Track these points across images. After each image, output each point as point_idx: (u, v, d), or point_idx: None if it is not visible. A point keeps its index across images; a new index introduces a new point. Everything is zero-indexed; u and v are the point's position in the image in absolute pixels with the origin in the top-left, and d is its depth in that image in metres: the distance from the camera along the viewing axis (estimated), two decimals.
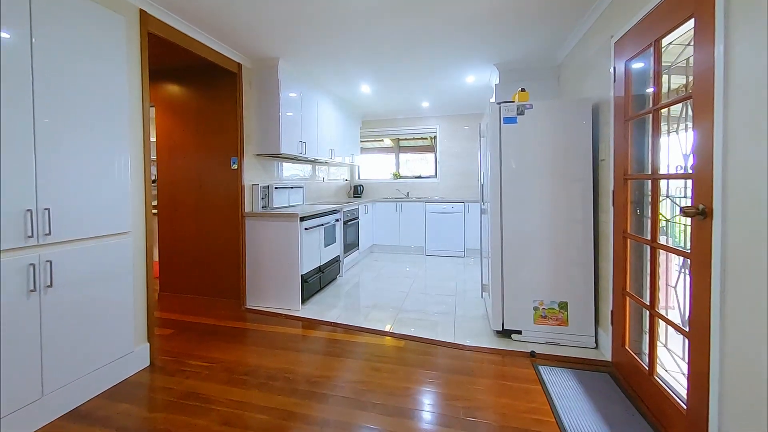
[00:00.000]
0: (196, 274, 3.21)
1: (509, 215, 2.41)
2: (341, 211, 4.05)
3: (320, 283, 3.45)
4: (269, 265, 3.07)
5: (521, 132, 2.38)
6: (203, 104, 3.17)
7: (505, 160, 2.41)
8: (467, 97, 4.66)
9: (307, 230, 3.11)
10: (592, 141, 2.28)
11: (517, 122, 2.39)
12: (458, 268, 4.46)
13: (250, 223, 3.10)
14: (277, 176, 3.73)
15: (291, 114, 3.39)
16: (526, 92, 2.47)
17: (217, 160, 3.13)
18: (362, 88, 4.22)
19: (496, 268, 2.45)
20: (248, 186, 3.18)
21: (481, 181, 3.07)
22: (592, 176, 2.29)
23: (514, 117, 2.39)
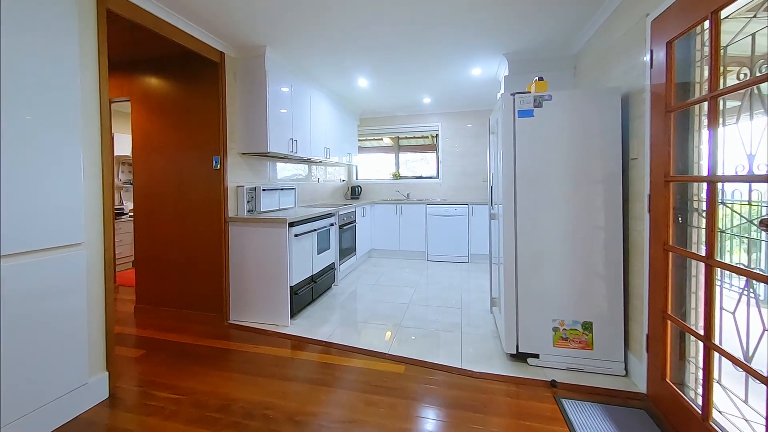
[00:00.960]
0: (175, 285, 2.92)
1: (525, 221, 2.11)
2: (337, 215, 3.75)
3: (312, 294, 3.15)
4: (255, 276, 2.77)
5: (538, 127, 2.08)
6: (183, 98, 2.87)
7: (520, 158, 2.11)
8: (472, 92, 4.35)
9: (297, 237, 2.81)
10: (621, 137, 1.98)
11: (533, 115, 2.08)
12: (462, 275, 4.16)
13: (234, 229, 2.80)
14: (270, 177, 3.43)
15: (280, 109, 3.09)
16: (545, 81, 2.17)
17: (198, 160, 2.83)
18: (359, 81, 3.92)
19: (509, 281, 2.15)
20: (232, 188, 2.88)
21: (489, 182, 2.77)
22: (621, 177, 1.99)
23: (531, 110, 2.09)
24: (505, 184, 2.14)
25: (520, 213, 2.12)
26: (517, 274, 2.13)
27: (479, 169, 5.31)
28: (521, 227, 2.12)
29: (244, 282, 2.80)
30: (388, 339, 2.48)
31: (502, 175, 2.14)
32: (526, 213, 2.11)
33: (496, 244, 2.56)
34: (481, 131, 5.29)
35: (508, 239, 2.14)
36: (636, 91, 1.91)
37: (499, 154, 2.23)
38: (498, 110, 2.29)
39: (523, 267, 2.12)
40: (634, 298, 1.95)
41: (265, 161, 3.38)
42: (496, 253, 2.57)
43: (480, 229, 4.70)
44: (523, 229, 2.12)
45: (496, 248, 2.56)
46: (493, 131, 2.57)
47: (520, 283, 2.13)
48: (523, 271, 2.12)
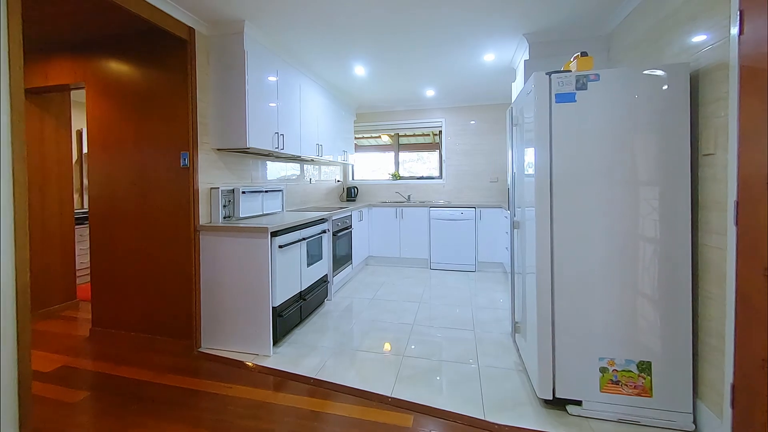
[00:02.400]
0: (137, 306, 2.46)
1: (564, 232, 1.68)
2: (330, 220, 3.30)
3: (301, 313, 2.70)
4: (231, 296, 2.32)
5: (582, 114, 1.65)
6: (146, 83, 2.41)
7: (558, 154, 1.68)
8: (482, 83, 3.93)
9: (282, 248, 2.37)
10: (690, 127, 1.56)
11: (575, 100, 1.65)
12: (470, 286, 3.73)
13: (206, 239, 2.35)
14: (253, 177, 2.98)
15: (263, 98, 2.64)
16: (590, 57, 1.74)
17: (164, 156, 2.37)
18: (356, 69, 3.48)
19: (543, 307, 1.71)
20: (205, 190, 2.43)
21: (509, 182, 2.34)
22: (690, 179, 1.56)
23: (572, 93, 1.66)
24: (539, 187, 1.70)
25: (558, 222, 1.69)
26: (553, 299, 1.70)
27: (486, 168, 4.89)
28: (559, 239, 1.69)
29: (218, 302, 2.35)
30: (390, 374, 2.04)
31: (535, 175, 1.71)
32: (565, 222, 1.68)
33: (519, 256, 2.13)
34: (486, 128, 4.86)
35: (542, 255, 1.71)
36: (712, 67, 1.48)
37: (528, 150, 1.79)
38: (526, 96, 1.86)
39: (561, 289, 1.69)
40: (707, 333, 1.52)
41: (247, 159, 2.93)
42: (520, 267, 2.13)
43: (488, 234, 4.28)
44: (561, 241, 1.68)
45: (520, 262, 2.13)
46: (516, 122, 2.14)
47: (558, 310, 1.70)
48: (561, 295, 1.69)
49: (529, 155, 1.83)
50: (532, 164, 1.75)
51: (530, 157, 1.79)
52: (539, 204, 1.70)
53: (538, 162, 1.70)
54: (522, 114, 2.01)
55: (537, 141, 1.70)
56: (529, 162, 1.83)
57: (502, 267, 4.29)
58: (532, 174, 1.74)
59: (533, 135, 1.72)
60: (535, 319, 1.75)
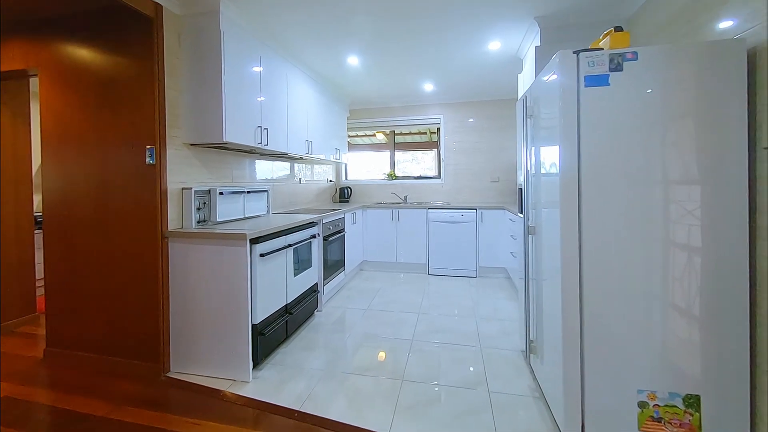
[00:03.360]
0: (97, 323, 2.15)
1: (593, 241, 1.42)
2: (320, 224, 3.01)
3: (287, 329, 2.41)
4: (204, 312, 2.02)
5: (616, 100, 1.39)
6: (107, 69, 2.10)
7: (588, 148, 1.41)
8: (484, 75, 3.67)
9: (264, 257, 2.07)
10: (747, 115, 1.30)
11: (609, 83, 1.39)
12: (472, 294, 3.46)
13: (175, 247, 2.05)
14: (234, 176, 2.68)
15: (244, 87, 2.35)
16: (626, 33, 1.47)
17: (127, 152, 2.07)
18: (349, 60, 3.20)
19: (569, 327, 1.45)
20: (175, 190, 2.13)
21: (521, 183, 2.08)
22: (748, 178, 1.31)
23: (605, 75, 1.39)
24: (565, 188, 1.44)
25: (587, 229, 1.42)
26: (582, 318, 1.44)
27: (487, 167, 4.63)
28: (588, 249, 1.42)
29: (189, 320, 2.04)
30: (387, 406, 1.76)
31: (560, 174, 1.44)
32: (595, 229, 1.41)
33: (534, 266, 1.87)
34: (487, 125, 4.61)
35: (568, 266, 1.44)
36: None
37: (548, 144, 1.53)
38: (545, 81, 1.60)
39: (591, 307, 1.43)
40: (766, 361, 1.27)
41: (226, 156, 2.63)
42: (535, 279, 1.87)
43: (490, 238, 4.02)
44: (591, 251, 1.42)
45: (535, 272, 1.87)
46: (531, 114, 1.88)
47: (588, 331, 1.43)
48: (591, 313, 1.43)
49: (549, 151, 1.56)
50: (555, 161, 1.49)
51: (552, 154, 1.52)
52: (565, 208, 1.44)
53: (563, 158, 1.43)
54: (538, 104, 1.75)
55: (562, 133, 1.43)
56: (549, 159, 1.56)
57: (504, 272, 4.04)
58: (555, 173, 1.48)
59: (557, 126, 1.45)
60: (558, 341, 1.48)
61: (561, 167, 1.44)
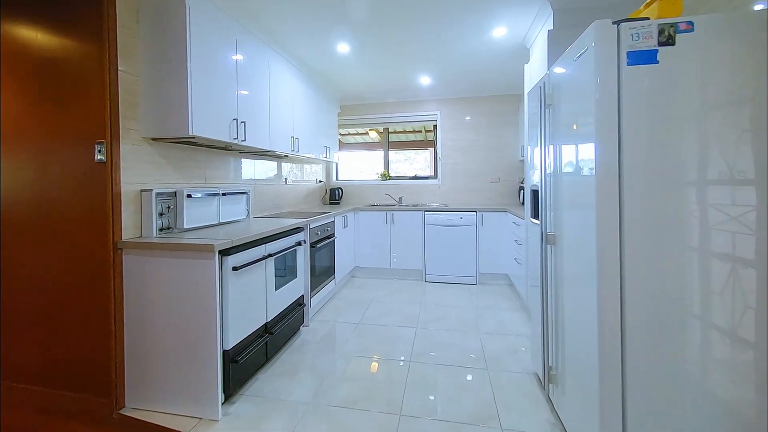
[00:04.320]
0: (36, 350, 1.81)
1: (639, 255, 1.15)
2: (307, 229, 2.71)
3: (266, 351, 2.10)
4: (166, 337, 1.70)
5: (666, 81, 1.12)
6: (51, 52, 1.77)
7: (631, 140, 1.14)
8: (486, 68, 3.40)
9: (238, 270, 1.76)
10: None
11: (657, 61, 1.12)
12: (473, 303, 3.19)
13: (131, 260, 1.73)
14: (207, 176, 2.36)
15: (216, 72, 2.04)
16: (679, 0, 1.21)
17: (72, 149, 1.74)
18: (339, 47, 2.90)
19: (608, 359, 1.17)
20: (131, 193, 1.80)
21: (534, 184, 1.81)
22: None
23: (653, 50, 1.12)
24: (602, 189, 1.16)
25: (631, 239, 1.15)
26: (624, 347, 1.16)
27: (486, 167, 4.37)
28: (633, 263, 1.15)
29: (148, 346, 1.73)
30: None
31: (597, 174, 1.17)
32: (641, 238, 1.14)
33: (554, 281, 1.60)
34: (487, 122, 4.35)
35: (606, 286, 1.17)
36: None
37: (575, 138, 1.26)
38: (573, 61, 1.33)
39: (634, 336, 1.16)
40: None
41: (198, 153, 2.31)
42: (555, 296, 1.60)
43: (491, 242, 3.75)
44: (636, 266, 1.15)
45: (555, 288, 1.60)
46: (549, 103, 1.60)
47: (631, 367, 1.16)
48: (635, 341, 1.16)
49: (577, 147, 1.29)
50: (587, 159, 1.22)
51: (582, 149, 1.25)
52: (603, 216, 1.16)
53: (601, 155, 1.16)
54: (560, 91, 1.48)
55: (599, 123, 1.16)
56: (579, 156, 1.29)
57: (506, 279, 3.78)
58: (589, 173, 1.20)
59: (591, 115, 1.18)
60: (591, 373, 1.21)
61: (597, 166, 1.17)
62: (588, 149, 1.21)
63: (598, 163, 1.16)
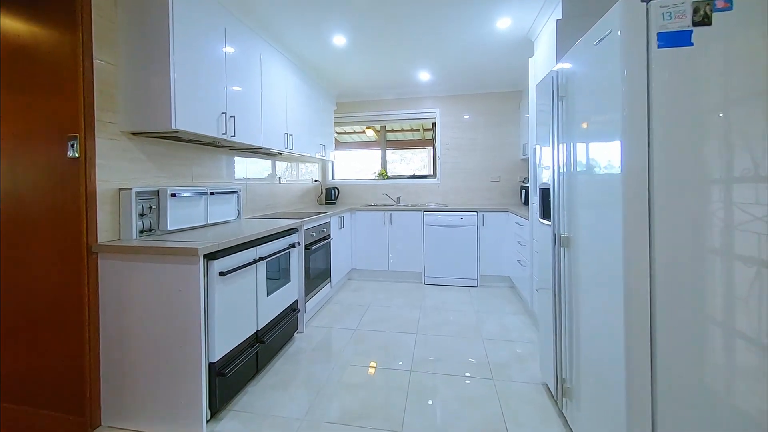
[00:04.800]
0: (4, 362, 1.66)
1: (672, 258, 1.03)
2: (301, 230, 2.57)
3: (257, 362, 1.96)
4: (146, 349, 1.56)
5: (702, 66, 1.00)
6: (20, 40, 1.62)
7: (661, 136, 1.02)
8: (488, 63, 3.29)
9: (225, 276, 1.63)
10: None
11: (692, 43, 1.00)
12: (474, 307, 3.07)
13: (108, 265, 1.58)
14: (194, 174, 2.21)
15: (203, 62, 1.90)
16: None
17: (42, 144, 1.60)
18: (335, 39, 2.77)
19: (636, 375, 1.05)
20: (108, 192, 1.66)
21: (552, 181, 1.69)
22: None
23: (687, 31, 1.01)
24: (630, 187, 1.04)
25: (662, 242, 1.03)
26: (654, 364, 1.04)
27: (487, 166, 4.26)
28: (663, 268, 1.03)
29: (126, 359, 1.58)
30: None
31: (623, 173, 1.05)
32: (674, 242, 1.02)
33: (568, 286, 1.48)
34: (487, 120, 4.23)
35: (634, 293, 1.05)
36: None
37: (599, 131, 1.14)
38: (594, 45, 1.21)
39: (665, 346, 1.04)
40: None
41: (184, 150, 2.17)
42: (569, 303, 1.48)
43: (492, 243, 3.64)
44: (667, 271, 1.03)
45: (569, 294, 1.47)
46: (563, 94, 1.48)
47: (662, 383, 1.04)
48: (666, 356, 1.04)
49: (598, 142, 1.17)
50: (610, 155, 1.10)
51: (604, 145, 1.13)
52: (631, 219, 1.04)
53: (628, 151, 1.04)
54: (576, 81, 1.36)
55: (626, 115, 1.04)
56: (600, 153, 1.17)
57: (508, 281, 3.67)
58: (614, 172, 1.08)
59: (615, 104, 1.06)
60: (614, 388, 1.09)
61: (625, 163, 1.04)
62: (612, 145, 1.09)
63: (625, 160, 1.04)
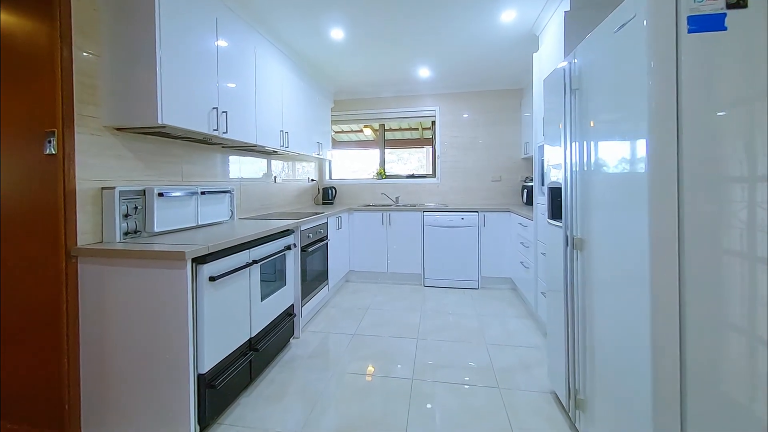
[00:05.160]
0: None
1: (703, 263, 0.94)
2: (298, 231, 2.47)
3: (251, 371, 1.85)
4: (130, 360, 1.45)
5: (737, 52, 0.92)
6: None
7: (692, 129, 0.93)
8: (490, 59, 3.20)
9: (215, 281, 1.52)
10: None
11: (725, 27, 0.92)
12: (476, 310, 2.98)
13: (88, 270, 1.48)
14: (196, 172, 2.11)
15: (192, 55, 1.79)
16: None
17: (19, 139, 1.48)
18: (333, 33, 2.67)
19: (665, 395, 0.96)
20: (89, 191, 1.55)
21: (564, 180, 1.60)
22: None
23: (720, 14, 0.92)
24: (656, 189, 0.95)
25: (692, 246, 0.94)
26: (684, 376, 0.95)
27: (487, 165, 4.18)
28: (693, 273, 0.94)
29: (108, 371, 1.47)
30: None
31: (649, 170, 0.96)
32: (705, 245, 0.94)
33: (582, 291, 1.39)
34: (487, 118, 4.15)
35: (662, 300, 0.95)
36: None
37: (619, 125, 1.05)
38: (614, 33, 1.12)
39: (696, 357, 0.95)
40: None
41: (173, 147, 2.06)
42: (583, 309, 1.39)
43: (494, 244, 3.55)
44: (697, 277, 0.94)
45: (583, 299, 1.39)
46: (577, 86, 1.39)
47: (693, 397, 0.95)
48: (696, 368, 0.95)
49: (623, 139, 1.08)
50: (633, 152, 1.01)
51: (625, 141, 1.04)
52: (658, 219, 0.95)
53: (654, 147, 0.95)
54: (591, 72, 1.27)
55: (653, 108, 0.95)
56: (621, 149, 1.08)
57: (510, 283, 3.58)
58: (640, 170, 0.99)
59: (641, 97, 0.97)
60: (644, 407, 1.00)
61: (651, 161, 0.95)
62: (635, 141, 1.00)
63: (652, 157, 0.95)
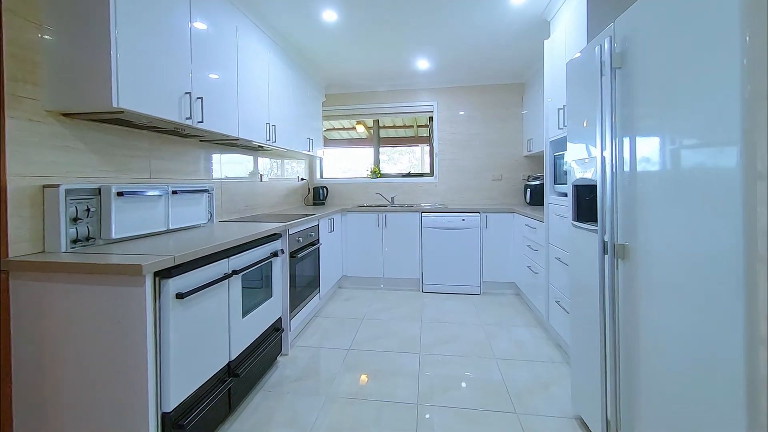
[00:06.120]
0: None
1: None
2: (286, 235, 2.20)
3: (230, 401, 1.58)
4: (78, 398, 1.18)
5: None
6: None
7: None
8: (493, 49, 2.99)
9: (184, 298, 1.25)
10: None
11: None
12: (480, 318, 2.76)
13: (23, 288, 1.19)
14: (152, 169, 1.82)
15: (157, 27, 1.51)
16: None
17: None
18: (324, 14, 2.41)
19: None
20: (27, 190, 1.27)
21: (600, 178, 1.38)
22: None
23: None
24: (753, 190, 0.73)
25: None
26: None
27: (488, 163, 3.97)
28: None
29: (48, 408, 1.19)
30: None
31: (740, 166, 0.73)
32: None
33: (626, 308, 1.17)
34: (487, 114, 3.94)
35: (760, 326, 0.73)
36: None
37: (687, 114, 0.83)
38: None
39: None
40: None
41: (139, 138, 1.77)
42: (627, 327, 1.17)
43: (496, 246, 3.34)
44: None
45: (626, 317, 1.17)
46: (617, 65, 1.17)
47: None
48: None
49: (698, 128, 0.86)
50: (715, 146, 0.78)
51: (708, 131, 0.82)
52: (754, 227, 0.73)
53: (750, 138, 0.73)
54: (637, 43, 1.05)
55: (747, 84, 0.73)
56: (697, 141, 0.86)
57: (513, 288, 3.38)
58: (728, 165, 0.77)
59: (736, 68, 0.75)
60: None
61: (743, 158, 0.73)
62: (717, 132, 0.78)
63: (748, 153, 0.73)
